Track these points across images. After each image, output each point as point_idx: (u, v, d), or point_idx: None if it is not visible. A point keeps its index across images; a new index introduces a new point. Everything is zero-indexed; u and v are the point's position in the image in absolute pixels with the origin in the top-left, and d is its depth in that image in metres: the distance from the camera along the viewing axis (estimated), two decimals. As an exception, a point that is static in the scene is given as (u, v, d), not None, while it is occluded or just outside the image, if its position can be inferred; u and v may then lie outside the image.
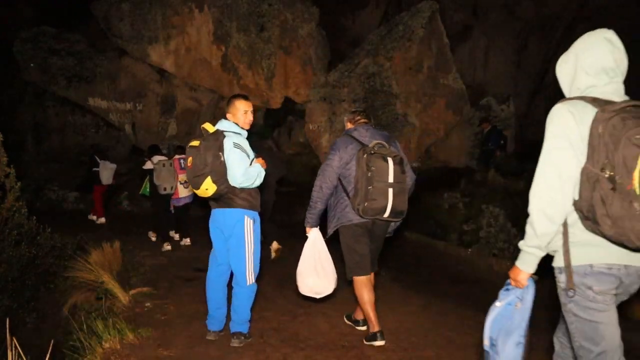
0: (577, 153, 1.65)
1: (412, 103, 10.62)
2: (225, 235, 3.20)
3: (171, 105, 11.61)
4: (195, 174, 3.06)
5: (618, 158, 1.52)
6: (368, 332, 3.30)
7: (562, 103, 1.74)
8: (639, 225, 1.48)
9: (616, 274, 1.68)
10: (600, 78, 1.76)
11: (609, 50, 1.78)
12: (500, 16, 13.34)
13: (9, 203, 4.85)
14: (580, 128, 1.65)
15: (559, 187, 1.67)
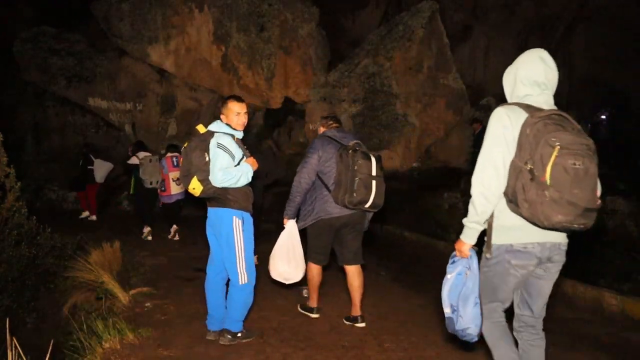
0: (510, 149, 2.02)
1: (412, 103, 10.62)
2: (215, 233, 3.26)
3: (171, 105, 11.61)
4: (183, 173, 3.20)
5: (537, 155, 1.90)
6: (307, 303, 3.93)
7: (502, 107, 2.13)
8: (547, 209, 1.87)
9: (531, 251, 2.07)
10: (533, 89, 2.14)
11: (542, 68, 2.15)
12: (500, 16, 13.34)
13: (9, 203, 4.85)
14: (513, 128, 2.03)
15: (494, 175, 2.04)
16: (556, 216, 1.88)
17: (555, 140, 1.88)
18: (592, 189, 1.94)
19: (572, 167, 1.87)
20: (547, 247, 2.08)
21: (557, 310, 4.48)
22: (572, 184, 1.87)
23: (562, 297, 4.73)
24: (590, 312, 4.38)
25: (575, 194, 1.87)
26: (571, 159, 1.87)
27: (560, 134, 1.91)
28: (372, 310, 4.13)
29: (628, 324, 4.07)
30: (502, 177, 2.04)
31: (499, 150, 2.05)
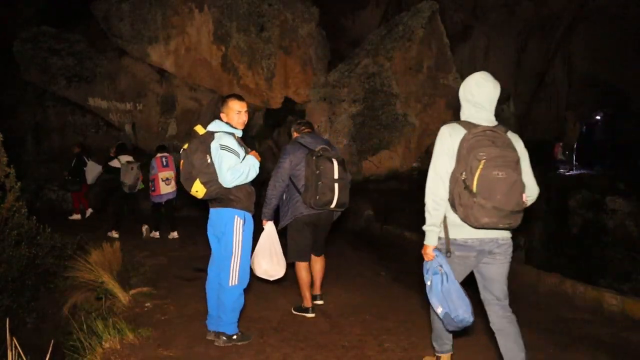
0: (451, 161, 2.36)
1: (412, 103, 10.62)
2: (217, 234, 3.23)
3: (171, 105, 11.61)
4: (184, 177, 3.13)
5: (468, 167, 2.23)
6: (301, 305, 3.97)
7: (445, 125, 2.46)
8: (476, 213, 2.22)
9: (471, 245, 2.41)
10: (476, 108, 2.44)
11: (482, 90, 2.43)
12: (500, 16, 13.35)
13: (9, 203, 4.85)
14: (453, 144, 2.36)
15: (441, 184, 2.39)
16: (483, 219, 2.23)
17: (482, 155, 2.21)
18: (516, 195, 2.24)
19: (495, 177, 2.19)
20: (485, 242, 2.41)
21: (557, 310, 4.48)
22: (496, 192, 2.19)
23: (562, 297, 4.73)
24: (590, 312, 4.37)
25: (499, 199, 2.19)
26: (495, 170, 2.19)
27: (488, 148, 2.23)
28: (372, 311, 4.13)
29: (628, 324, 4.07)
30: (446, 185, 2.38)
31: (441, 163, 2.40)
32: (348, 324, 3.77)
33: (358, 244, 7.38)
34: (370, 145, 10.50)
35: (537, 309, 4.49)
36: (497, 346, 2.52)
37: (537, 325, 4.00)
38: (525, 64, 13.59)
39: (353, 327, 3.70)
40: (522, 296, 4.91)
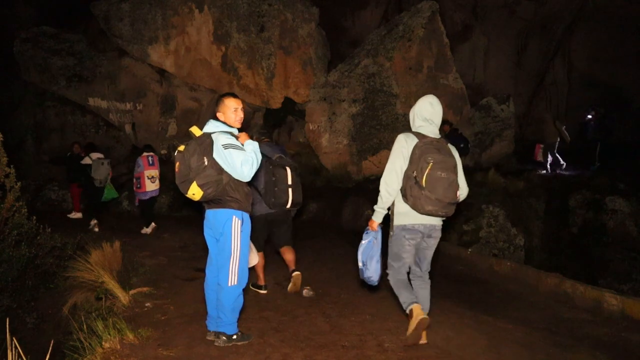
0: (405, 161, 3.08)
1: (412, 103, 10.49)
2: (216, 235, 3.22)
3: (171, 105, 11.61)
4: (180, 179, 3.08)
5: (419, 168, 2.98)
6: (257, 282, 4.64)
7: (402, 134, 3.20)
8: (423, 202, 2.96)
9: (417, 229, 3.15)
10: (424, 123, 3.28)
11: (430, 109, 3.35)
12: (500, 16, 13.35)
13: (9, 203, 4.85)
14: (408, 148, 3.09)
15: (395, 178, 3.11)
16: (427, 207, 2.98)
17: (430, 159, 2.97)
18: (453, 191, 3.03)
19: (439, 177, 2.95)
20: (427, 227, 3.17)
21: (557, 310, 4.49)
22: (439, 187, 2.95)
23: (562, 297, 4.74)
24: (590, 312, 4.37)
25: (440, 193, 2.95)
26: (439, 171, 2.96)
27: (434, 154, 3.00)
28: (372, 311, 4.13)
29: (628, 324, 4.07)
30: (400, 179, 3.09)
31: (398, 162, 3.10)
32: (348, 324, 3.77)
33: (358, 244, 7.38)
34: (370, 145, 10.50)
35: (537, 309, 4.50)
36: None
37: (537, 325, 4.00)
38: (525, 64, 13.59)
39: (353, 327, 3.70)
40: (522, 296, 4.92)
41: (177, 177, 3.11)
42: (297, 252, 4.97)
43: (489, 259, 6.18)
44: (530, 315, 4.28)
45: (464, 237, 7.34)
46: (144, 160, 7.41)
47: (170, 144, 11.50)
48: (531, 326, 3.95)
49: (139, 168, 7.40)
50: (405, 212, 3.12)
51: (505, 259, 6.39)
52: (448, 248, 6.82)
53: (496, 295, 4.91)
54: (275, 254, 5.67)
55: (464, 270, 5.95)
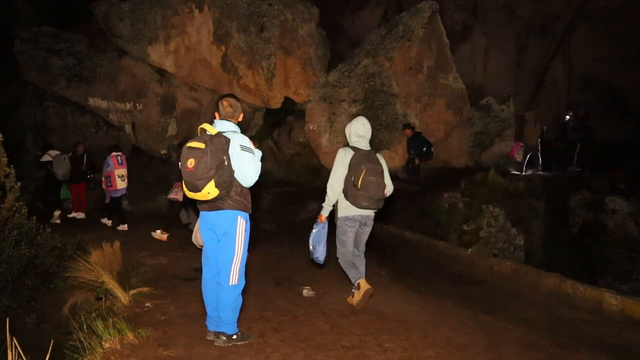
0: (345, 169, 3.94)
1: (412, 103, 10.61)
2: (218, 235, 3.18)
3: (171, 105, 11.61)
4: (197, 177, 2.95)
5: (356, 174, 3.86)
6: None
7: (342, 148, 4.07)
8: (359, 200, 3.86)
9: (356, 219, 4.06)
10: (359, 139, 4.10)
11: (362, 128, 4.12)
12: (500, 16, 13.34)
13: (9, 203, 4.85)
14: (347, 159, 3.95)
15: (338, 182, 3.98)
16: (363, 203, 3.91)
17: (363, 167, 3.86)
18: (381, 191, 3.96)
19: (370, 180, 3.85)
20: (363, 217, 4.10)
21: (557, 310, 4.48)
22: (370, 188, 3.87)
23: (562, 297, 4.74)
24: (590, 312, 4.37)
25: (372, 193, 3.88)
26: (370, 176, 3.86)
27: (367, 163, 3.89)
28: (372, 310, 4.13)
29: (628, 324, 4.07)
30: (342, 183, 3.97)
31: (340, 170, 3.97)
32: (348, 324, 3.77)
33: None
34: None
35: (537, 309, 4.50)
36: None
37: (537, 325, 4.00)
38: (525, 64, 13.58)
39: (353, 327, 3.70)
40: (522, 296, 4.92)
41: (191, 174, 2.97)
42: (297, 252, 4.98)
43: (489, 259, 6.18)
44: (530, 315, 4.27)
45: (464, 237, 7.34)
46: (113, 160, 7.81)
47: (170, 144, 11.49)
48: (531, 326, 3.95)
49: (109, 167, 7.78)
50: (346, 207, 4.01)
51: (505, 259, 6.39)
52: (448, 248, 6.82)
53: (496, 295, 4.90)
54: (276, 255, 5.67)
55: (464, 270, 5.94)
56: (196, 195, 3.04)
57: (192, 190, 3.03)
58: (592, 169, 9.03)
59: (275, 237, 7.73)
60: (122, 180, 7.83)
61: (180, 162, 3.06)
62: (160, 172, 10.71)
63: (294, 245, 6.81)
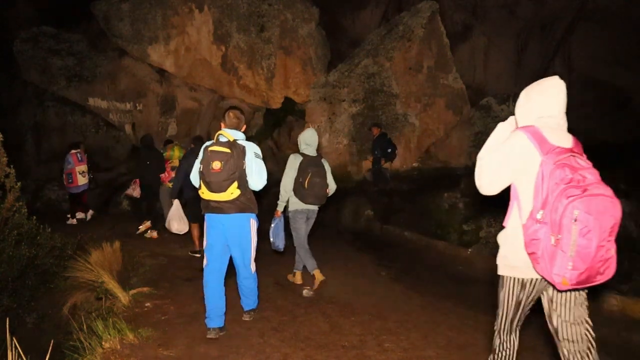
0: (295, 172, 4.54)
1: (412, 103, 10.62)
2: (232, 235, 3.46)
3: (171, 105, 11.61)
4: (223, 178, 3.28)
5: (304, 175, 4.50)
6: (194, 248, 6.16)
7: (293, 154, 4.68)
8: (306, 197, 4.53)
9: (304, 212, 4.70)
10: (307, 146, 4.67)
11: (310, 138, 4.70)
12: (500, 16, 13.34)
13: (9, 203, 4.85)
14: (297, 163, 4.55)
15: (289, 182, 4.57)
16: (309, 200, 4.54)
17: (309, 170, 4.49)
18: (324, 189, 4.60)
19: (315, 181, 4.48)
20: (310, 211, 4.74)
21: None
22: (315, 188, 4.49)
23: (562, 297, 4.73)
24: (590, 312, 4.37)
25: (316, 191, 4.51)
26: (315, 177, 4.49)
27: (312, 167, 4.52)
28: (372, 310, 4.13)
29: (628, 324, 4.07)
30: (292, 184, 4.55)
31: (291, 173, 4.55)
32: (348, 324, 3.77)
33: (358, 244, 7.38)
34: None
35: (536, 309, 4.49)
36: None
37: (537, 325, 4.00)
38: (525, 64, 13.58)
39: (353, 327, 3.70)
40: (522, 296, 4.91)
41: (217, 175, 3.27)
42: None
43: (489, 258, 6.17)
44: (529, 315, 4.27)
45: (464, 237, 7.33)
46: (73, 157, 8.00)
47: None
48: (531, 326, 3.95)
49: (69, 165, 7.97)
50: (296, 202, 4.64)
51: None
52: (448, 248, 6.82)
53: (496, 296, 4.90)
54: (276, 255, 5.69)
55: (463, 270, 5.94)
56: (219, 195, 3.32)
57: (216, 191, 3.31)
58: None
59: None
60: (83, 177, 8.10)
61: (202, 164, 3.33)
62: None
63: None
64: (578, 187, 1.91)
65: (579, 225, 1.87)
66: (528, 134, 2.09)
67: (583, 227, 1.86)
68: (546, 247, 1.96)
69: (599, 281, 2.00)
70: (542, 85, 2.23)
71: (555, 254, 1.92)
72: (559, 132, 2.14)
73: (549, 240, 1.95)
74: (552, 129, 2.13)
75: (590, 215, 1.86)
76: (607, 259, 1.95)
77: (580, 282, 1.96)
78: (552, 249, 1.94)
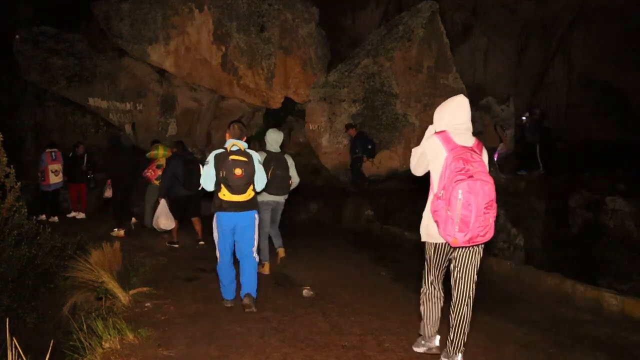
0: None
1: (412, 103, 10.61)
2: (242, 228, 4.06)
3: (171, 105, 11.61)
4: (244, 182, 3.99)
5: (266, 170, 4.63)
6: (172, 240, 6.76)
7: (260, 151, 4.96)
8: (271, 189, 4.99)
9: (270, 203, 5.23)
10: (272, 145, 5.25)
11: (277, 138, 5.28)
12: (500, 16, 13.34)
13: (9, 203, 4.85)
14: (262, 159, 4.46)
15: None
16: (272, 190, 4.96)
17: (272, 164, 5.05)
18: (286, 182, 5.17)
19: (278, 174, 5.03)
20: (275, 201, 5.25)
21: (557, 310, 4.48)
22: (277, 179, 5.03)
23: (562, 297, 4.74)
24: (590, 312, 4.37)
25: (278, 182, 5.04)
26: (278, 170, 5.04)
27: (274, 162, 5.08)
28: (372, 310, 4.13)
29: (628, 324, 4.07)
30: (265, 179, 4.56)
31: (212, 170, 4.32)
32: (348, 324, 3.77)
33: (358, 244, 7.38)
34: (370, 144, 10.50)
35: (537, 309, 4.49)
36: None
37: (537, 325, 4.00)
38: (525, 64, 13.57)
39: (353, 327, 3.70)
40: (522, 296, 4.92)
41: (240, 180, 3.95)
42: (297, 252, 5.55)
43: (489, 258, 6.18)
44: (530, 315, 4.28)
45: (464, 237, 7.33)
46: (47, 156, 8.21)
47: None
48: (531, 326, 3.95)
49: (43, 163, 8.18)
50: (263, 194, 4.87)
51: (505, 259, 6.38)
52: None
53: (496, 295, 4.90)
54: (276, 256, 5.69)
55: (464, 270, 5.93)
56: (240, 196, 3.98)
57: (238, 193, 3.97)
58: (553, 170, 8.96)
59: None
60: (56, 175, 8.30)
61: (224, 170, 3.92)
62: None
63: (294, 245, 6.82)
64: (465, 174, 2.63)
65: (462, 201, 2.60)
66: (439, 137, 2.91)
67: (465, 202, 2.60)
68: (443, 217, 2.69)
69: (481, 241, 2.72)
70: (452, 102, 3.25)
71: (448, 221, 2.66)
72: (465, 135, 2.98)
73: (445, 211, 2.68)
74: (460, 133, 2.96)
75: (470, 194, 2.59)
76: (486, 225, 2.66)
77: (466, 241, 2.66)
78: (446, 217, 2.67)
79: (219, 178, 3.91)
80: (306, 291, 4.61)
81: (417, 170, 3.13)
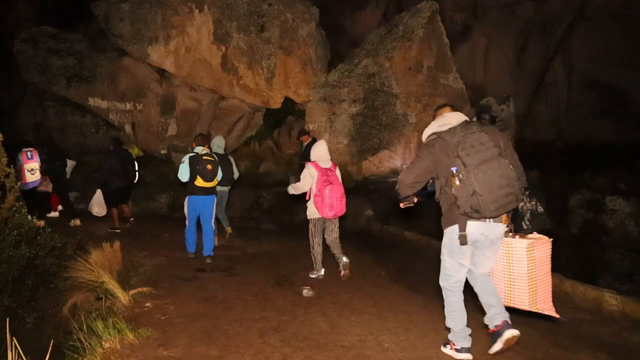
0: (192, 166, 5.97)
1: (412, 103, 10.62)
2: (206, 206, 5.77)
3: (171, 105, 11.61)
4: (213, 173, 5.73)
5: None
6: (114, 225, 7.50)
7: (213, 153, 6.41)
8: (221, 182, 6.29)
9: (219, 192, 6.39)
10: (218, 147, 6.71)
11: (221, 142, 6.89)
12: (500, 16, 13.35)
13: (9, 203, 4.85)
14: None
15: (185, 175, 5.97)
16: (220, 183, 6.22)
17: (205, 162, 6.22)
18: (231, 176, 6.78)
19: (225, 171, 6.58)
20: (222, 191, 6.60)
21: (557, 310, 4.48)
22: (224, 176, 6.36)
23: (562, 297, 4.73)
24: (590, 312, 4.37)
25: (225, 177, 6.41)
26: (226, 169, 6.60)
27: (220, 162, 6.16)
28: (372, 310, 4.13)
29: (628, 324, 4.07)
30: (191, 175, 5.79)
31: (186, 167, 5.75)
32: (348, 324, 3.77)
33: (358, 244, 7.38)
34: (370, 145, 10.51)
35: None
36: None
37: (537, 325, 4.00)
38: (525, 64, 13.59)
39: (353, 327, 3.70)
40: (522, 296, 4.91)
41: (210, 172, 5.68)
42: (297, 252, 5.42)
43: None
44: (530, 315, 4.27)
45: (464, 237, 7.32)
46: (23, 155, 8.22)
47: (170, 144, 11.49)
48: (531, 326, 3.95)
49: (19, 162, 8.17)
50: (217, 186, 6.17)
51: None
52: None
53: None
54: (276, 256, 5.69)
55: (464, 270, 5.93)
56: (209, 183, 5.68)
57: (209, 181, 5.67)
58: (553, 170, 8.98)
59: (275, 237, 7.72)
60: (32, 174, 8.31)
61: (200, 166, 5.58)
62: (160, 172, 10.70)
63: (294, 245, 6.82)
64: (328, 182, 4.89)
65: (328, 195, 4.84)
66: (312, 164, 5.03)
67: (329, 195, 4.85)
68: (320, 203, 4.87)
69: (339, 214, 5.03)
70: (319, 145, 5.21)
71: (324, 205, 4.85)
72: (326, 162, 5.08)
73: (321, 201, 4.86)
74: (324, 161, 5.08)
75: (332, 192, 4.86)
76: (341, 207, 4.97)
77: (332, 216, 4.95)
78: (321, 204, 4.86)
79: (196, 171, 5.54)
80: (306, 291, 4.61)
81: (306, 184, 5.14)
